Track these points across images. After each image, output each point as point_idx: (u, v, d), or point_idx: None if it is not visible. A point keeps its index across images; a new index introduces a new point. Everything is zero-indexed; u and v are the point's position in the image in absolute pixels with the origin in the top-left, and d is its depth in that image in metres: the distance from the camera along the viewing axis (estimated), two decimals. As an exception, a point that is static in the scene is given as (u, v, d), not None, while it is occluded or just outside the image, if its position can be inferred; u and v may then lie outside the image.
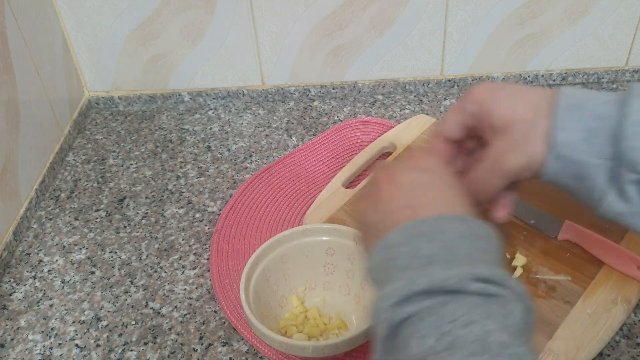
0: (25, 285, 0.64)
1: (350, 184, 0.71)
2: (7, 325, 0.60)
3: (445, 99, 0.88)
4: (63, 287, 0.64)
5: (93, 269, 0.66)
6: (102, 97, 0.91)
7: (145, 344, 0.57)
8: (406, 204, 0.40)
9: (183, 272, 0.64)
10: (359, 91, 0.90)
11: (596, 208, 0.43)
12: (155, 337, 0.58)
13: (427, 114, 0.85)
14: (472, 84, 0.47)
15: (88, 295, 0.63)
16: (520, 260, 0.58)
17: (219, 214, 0.71)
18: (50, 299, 0.63)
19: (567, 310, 0.53)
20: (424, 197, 0.40)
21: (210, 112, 0.89)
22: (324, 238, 0.58)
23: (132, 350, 0.57)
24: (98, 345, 0.58)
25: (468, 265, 0.35)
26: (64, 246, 0.69)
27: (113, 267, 0.66)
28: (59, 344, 0.58)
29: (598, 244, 0.58)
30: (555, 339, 0.51)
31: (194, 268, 0.65)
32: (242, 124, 0.86)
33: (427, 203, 0.40)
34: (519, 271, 0.57)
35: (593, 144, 0.41)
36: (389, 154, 0.73)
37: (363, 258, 0.41)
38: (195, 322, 0.59)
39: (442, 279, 0.34)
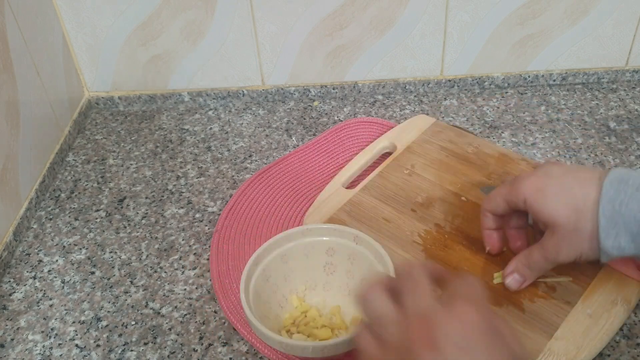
0: (25, 285, 0.64)
1: (350, 184, 0.71)
2: (7, 325, 0.60)
3: (445, 99, 0.88)
4: (63, 287, 0.64)
5: (93, 269, 0.66)
6: (102, 97, 0.91)
7: (145, 344, 0.57)
8: None
9: (183, 272, 0.64)
10: (359, 91, 0.90)
11: None
12: (155, 337, 0.58)
13: (427, 114, 0.85)
14: (517, 177, 0.52)
15: (88, 295, 0.63)
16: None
17: (219, 214, 0.71)
18: (50, 299, 0.63)
19: (567, 310, 0.53)
20: None
21: (210, 112, 0.89)
22: (324, 238, 0.58)
23: (132, 350, 0.57)
24: (98, 346, 0.58)
25: None
26: (64, 246, 0.69)
27: (113, 267, 0.66)
28: (59, 344, 0.58)
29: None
30: (556, 339, 0.51)
31: (194, 268, 0.65)
32: (242, 124, 0.86)
33: None
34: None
35: (639, 243, 0.46)
36: (389, 154, 0.74)
37: None
38: (195, 322, 0.59)
39: None
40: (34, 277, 0.65)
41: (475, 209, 0.64)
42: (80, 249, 0.68)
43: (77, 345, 0.58)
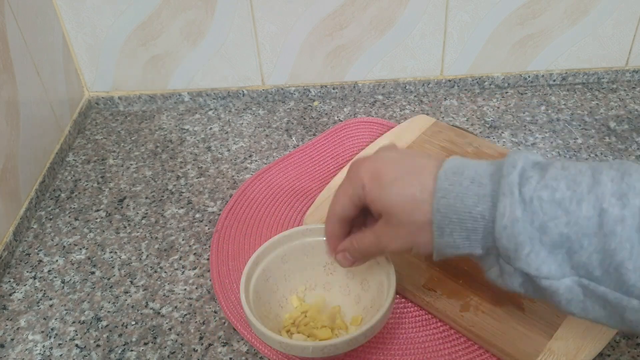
0: (25, 285, 0.64)
1: (350, 184, 0.71)
2: (7, 325, 0.60)
3: (445, 99, 0.88)
4: (63, 287, 0.64)
5: (93, 269, 0.66)
6: (102, 97, 0.91)
7: (145, 344, 0.57)
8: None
9: (183, 272, 0.64)
10: (359, 91, 0.90)
11: (484, 272, 0.46)
12: (155, 337, 0.58)
13: (427, 114, 0.85)
14: (356, 160, 0.50)
15: (88, 295, 0.63)
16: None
17: (219, 214, 0.71)
18: (50, 299, 0.63)
19: (567, 310, 0.53)
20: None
21: (210, 112, 0.89)
22: (324, 238, 0.58)
23: (132, 350, 0.57)
24: (98, 346, 0.58)
25: None
26: (64, 246, 0.69)
27: (113, 267, 0.66)
28: (59, 344, 0.58)
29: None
30: (556, 339, 0.51)
31: (194, 268, 0.65)
32: (242, 124, 0.86)
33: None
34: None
35: (474, 239, 0.43)
36: (389, 154, 0.73)
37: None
38: (195, 322, 0.59)
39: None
40: (34, 277, 0.65)
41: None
42: (80, 249, 0.68)
43: (77, 345, 0.58)
